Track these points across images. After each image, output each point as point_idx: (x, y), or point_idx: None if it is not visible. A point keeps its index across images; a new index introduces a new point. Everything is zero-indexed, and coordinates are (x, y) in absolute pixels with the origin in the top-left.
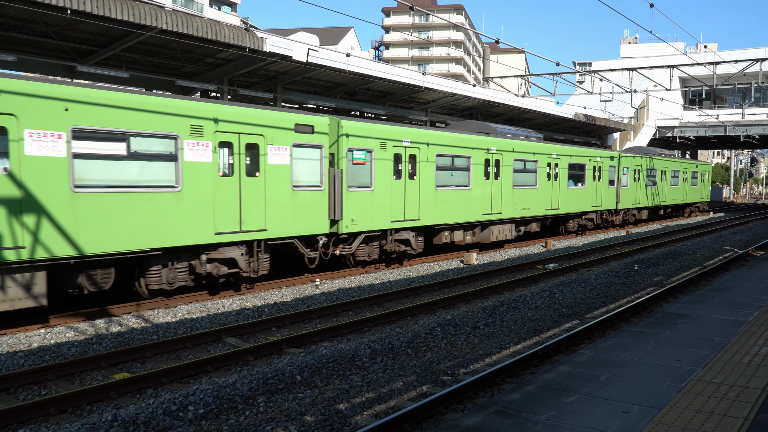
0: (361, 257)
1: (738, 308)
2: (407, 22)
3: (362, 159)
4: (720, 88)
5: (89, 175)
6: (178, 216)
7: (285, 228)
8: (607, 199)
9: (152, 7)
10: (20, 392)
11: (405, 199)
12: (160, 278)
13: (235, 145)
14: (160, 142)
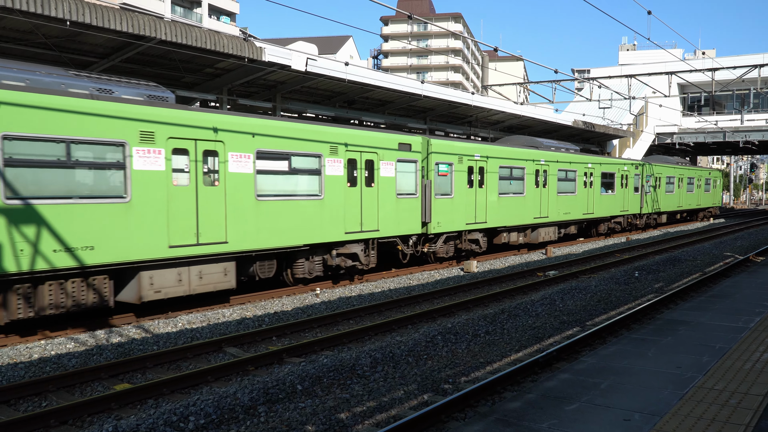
0: (441, 254)
1: (739, 314)
2: (406, 31)
3: (445, 171)
4: (719, 94)
5: (265, 187)
6: (320, 219)
7: (391, 229)
8: (633, 204)
9: (151, 18)
10: (21, 404)
11: (476, 205)
12: (303, 269)
13: (358, 162)
14: (310, 161)
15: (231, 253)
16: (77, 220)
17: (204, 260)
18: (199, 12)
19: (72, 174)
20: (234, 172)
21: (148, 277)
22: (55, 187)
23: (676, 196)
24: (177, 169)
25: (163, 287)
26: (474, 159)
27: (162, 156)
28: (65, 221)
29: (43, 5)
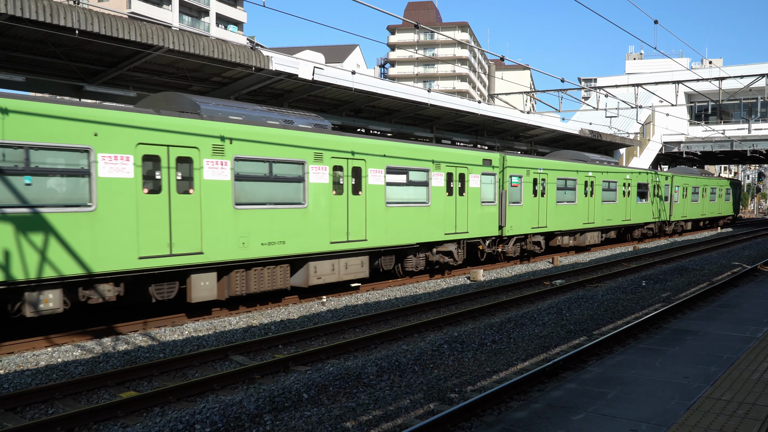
0: (510, 254)
1: (746, 324)
2: (412, 40)
3: (516, 182)
4: (726, 103)
5: (392, 196)
6: (428, 223)
7: (477, 231)
8: (664, 212)
9: (159, 27)
10: (27, 411)
11: (539, 212)
12: (412, 263)
13: (453, 175)
14: (421, 174)
15: (368, 249)
16: (277, 222)
17: (348, 254)
18: (207, 21)
19: (280, 187)
20: (372, 184)
21: (314, 267)
22: (262, 195)
23: (700, 205)
24: (335, 182)
25: (322, 275)
26: (538, 172)
27: (327, 172)
28: (270, 222)
29: (53, 14)
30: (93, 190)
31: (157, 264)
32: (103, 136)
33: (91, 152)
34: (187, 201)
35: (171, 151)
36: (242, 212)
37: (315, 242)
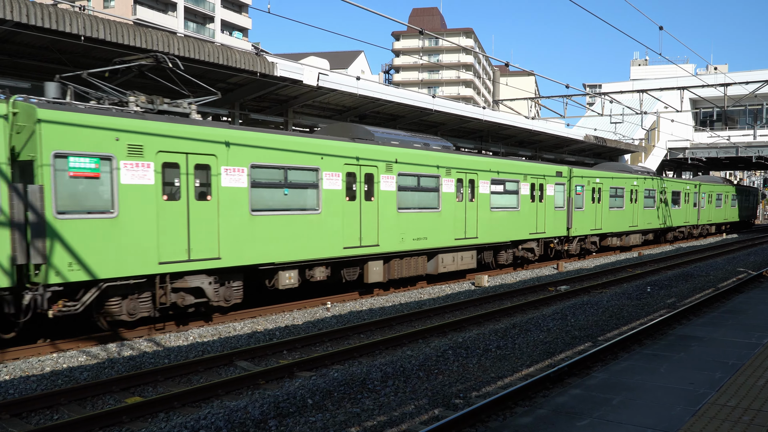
0: (572, 251)
1: (752, 330)
2: (417, 46)
3: (580, 191)
4: (731, 109)
5: (495, 202)
6: (518, 224)
7: (551, 231)
8: (692, 216)
9: (164, 34)
10: (33, 417)
11: (595, 216)
12: (503, 257)
13: (535, 185)
14: (514, 185)
15: (476, 245)
16: (421, 222)
17: (463, 249)
18: (212, 27)
19: (423, 195)
20: (482, 193)
21: (441, 258)
22: (413, 202)
23: (723, 210)
24: (457, 191)
25: (447, 265)
26: (596, 182)
27: (453, 183)
28: (417, 222)
29: (59, 21)
30: (319, 199)
31: (352, 253)
32: (326, 159)
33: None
34: (370, 206)
35: (361, 169)
36: (402, 215)
37: (445, 239)
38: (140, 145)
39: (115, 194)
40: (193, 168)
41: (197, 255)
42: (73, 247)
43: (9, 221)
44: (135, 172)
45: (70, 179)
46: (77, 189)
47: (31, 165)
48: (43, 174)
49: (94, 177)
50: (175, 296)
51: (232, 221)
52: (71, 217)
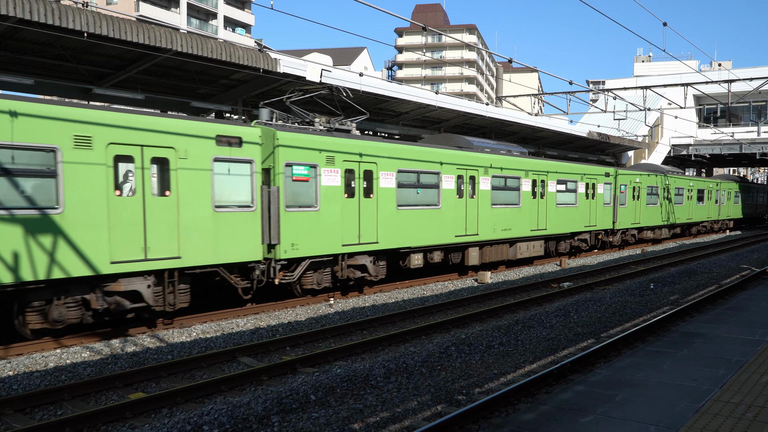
0: (615, 243)
1: (755, 327)
2: (420, 42)
3: (623, 189)
4: (735, 105)
5: (560, 199)
6: (575, 217)
7: (601, 224)
8: (714, 212)
9: (167, 30)
10: (36, 412)
11: (635, 212)
12: (562, 246)
13: (589, 184)
14: (573, 185)
15: (544, 236)
16: (507, 216)
17: (535, 239)
18: (215, 24)
19: (509, 193)
20: (549, 191)
21: (519, 246)
22: (502, 199)
23: (740, 206)
24: (532, 190)
25: (523, 252)
26: (636, 182)
27: (529, 184)
28: (504, 216)
29: (61, 17)
30: (439, 197)
31: (459, 240)
32: (444, 165)
33: (439, 175)
34: (472, 202)
35: (467, 172)
36: (494, 209)
37: (523, 230)
38: (332, 157)
39: (318, 193)
40: (362, 173)
41: (364, 240)
42: (294, 233)
43: (260, 213)
44: (329, 177)
45: (292, 182)
46: (296, 190)
47: (269, 172)
48: (278, 179)
49: (305, 180)
50: (347, 271)
51: (385, 214)
52: (292, 211)
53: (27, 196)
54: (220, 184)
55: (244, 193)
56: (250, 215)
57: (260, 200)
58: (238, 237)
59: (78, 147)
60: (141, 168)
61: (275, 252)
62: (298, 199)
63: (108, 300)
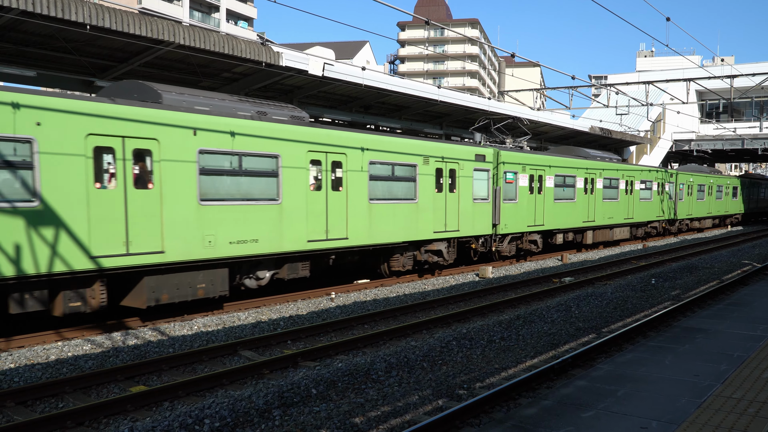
0: (682, 228)
1: (757, 323)
2: (422, 36)
3: (681, 187)
4: (737, 101)
5: (606, 195)
6: (651, 210)
7: (641, 217)
8: (737, 207)
9: (170, 23)
10: (38, 405)
11: (689, 205)
12: (638, 232)
13: (660, 184)
14: (615, 182)
15: (630, 223)
16: (610, 207)
17: (625, 225)
18: (217, 17)
19: (566, 190)
20: (636, 189)
21: (615, 230)
22: (564, 195)
23: (757, 199)
24: (585, 187)
25: (616, 235)
26: (690, 181)
27: (582, 182)
28: (609, 208)
29: (64, 9)
30: (575, 194)
31: (584, 225)
32: (578, 171)
33: (576, 177)
34: (592, 198)
35: (589, 175)
36: (604, 203)
37: (619, 218)
38: (524, 166)
39: (517, 191)
40: (537, 177)
41: (540, 221)
42: (505, 217)
43: (492, 204)
44: (523, 180)
45: (505, 184)
46: (506, 188)
47: (495, 177)
48: (500, 182)
49: (511, 183)
50: (527, 244)
51: (549, 204)
52: (506, 203)
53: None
54: (476, 185)
55: (485, 191)
56: (487, 205)
57: (492, 195)
58: (482, 219)
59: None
60: (443, 176)
61: (496, 229)
62: (507, 195)
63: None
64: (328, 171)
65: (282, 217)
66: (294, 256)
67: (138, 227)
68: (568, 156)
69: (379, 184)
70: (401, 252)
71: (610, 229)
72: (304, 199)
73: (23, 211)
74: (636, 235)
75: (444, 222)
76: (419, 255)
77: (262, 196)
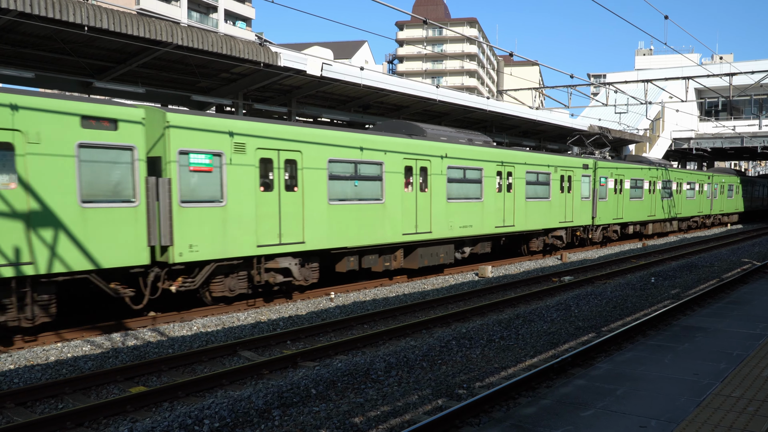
0: (708, 224)
1: (757, 321)
2: (421, 36)
3: (716, 187)
4: (736, 99)
5: (633, 194)
6: (701, 205)
7: (693, 211)
8: (739, 204)
9: (168, 24)
10: (37, 406)
11: (721, 202)
12: (648, 229)
13: (701, 185)
14: (639, 183)
15: (679, 218)
16: (666, 204)
17: (676, 219)
18: (215, 17)
19: (637, 191)
20: (685, 189)
21: (671, 223)
22: (636, 194)
23: (763, 198)
24: (614, 188)
25: (667, 227)
26: (722, 181)
27: (688, 186)
28: (666, 204)
29: (62, 11)
30: (606, 192)
31: (648, 218)
32: (648, 174)
33: (644, 180)
34: (654, 196)
35: (651, 179)
36: (664, 201)
37: (681, 213)
38: (611, 170)
39: (607, 190)
40: (620, 180)
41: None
42: (599, 211)
43: (591, 201)
44: (611, 182)
45: (600, 187)
46: (601, 191)
47: (594, 180)
48: (596, 184)
49: (603, 186)
50: (552, 240)
51: (626, 202)
52: (600, 200)
53: None
54: (583, 187)
55: (587, 191)
56: (589, 202)
57: (592, 194)
58: (585, 212)
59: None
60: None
61: (593, 221)
62: (600, 194)
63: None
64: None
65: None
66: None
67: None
68: (636, 164)
69: (530, 187)
70: (536, 237)
71: (669, 222)
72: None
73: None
74: (681, 227)
75: (564, 214)
76: (547, 239)
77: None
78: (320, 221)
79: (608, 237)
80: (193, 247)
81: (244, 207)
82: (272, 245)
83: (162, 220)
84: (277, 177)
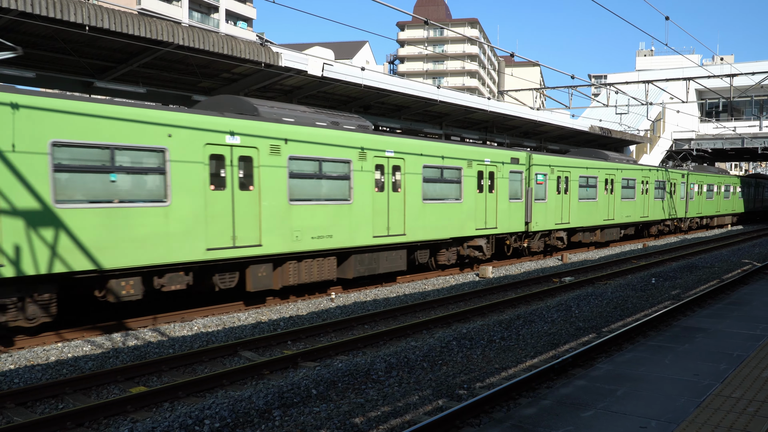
0: (692, 226)
1: (757, 322)
2: (422, 36)
3: (733, 189)
4: (737, 100)
5: (657, 194)
6: (683, 204)
7: (708, 211)
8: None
9: (169, 24)
10: (38, 406)
11: (732, 203)
12: (679, 225)
13: (721, 187)
14: (668, 182)
15: (699, 216)
16: (706, 203)
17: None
18: (216, 17)
19: (660, 191)
20: (706, 191)
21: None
22: (658, 194)
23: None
24: (641, 190)
25: (694, 227)
26: (735, 182)
27: (664, 184)
28: (706, 204)
29: (63, 10)
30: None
31: (662, 219)
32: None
33: (675, 183)
34: (678, 197)
35: (673, 180)
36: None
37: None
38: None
39: (688, 193)
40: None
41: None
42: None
43: (524, 203)
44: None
45: (536, 185)
46: (537, 189)
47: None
48: (531, 182)
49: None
50: (468, 251)
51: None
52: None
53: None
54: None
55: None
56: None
57: (525, 196)
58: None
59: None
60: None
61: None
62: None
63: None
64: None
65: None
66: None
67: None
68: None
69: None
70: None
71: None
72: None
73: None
74: (691, 226)
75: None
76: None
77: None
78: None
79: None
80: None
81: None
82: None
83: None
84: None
